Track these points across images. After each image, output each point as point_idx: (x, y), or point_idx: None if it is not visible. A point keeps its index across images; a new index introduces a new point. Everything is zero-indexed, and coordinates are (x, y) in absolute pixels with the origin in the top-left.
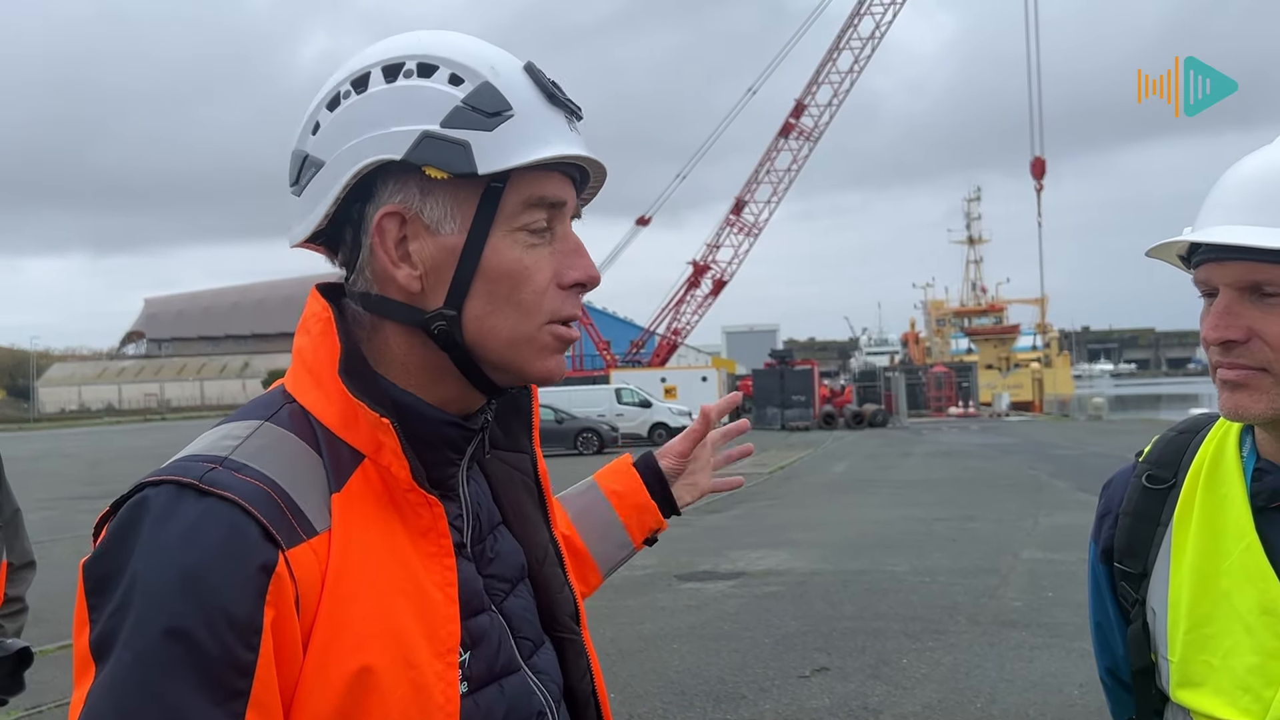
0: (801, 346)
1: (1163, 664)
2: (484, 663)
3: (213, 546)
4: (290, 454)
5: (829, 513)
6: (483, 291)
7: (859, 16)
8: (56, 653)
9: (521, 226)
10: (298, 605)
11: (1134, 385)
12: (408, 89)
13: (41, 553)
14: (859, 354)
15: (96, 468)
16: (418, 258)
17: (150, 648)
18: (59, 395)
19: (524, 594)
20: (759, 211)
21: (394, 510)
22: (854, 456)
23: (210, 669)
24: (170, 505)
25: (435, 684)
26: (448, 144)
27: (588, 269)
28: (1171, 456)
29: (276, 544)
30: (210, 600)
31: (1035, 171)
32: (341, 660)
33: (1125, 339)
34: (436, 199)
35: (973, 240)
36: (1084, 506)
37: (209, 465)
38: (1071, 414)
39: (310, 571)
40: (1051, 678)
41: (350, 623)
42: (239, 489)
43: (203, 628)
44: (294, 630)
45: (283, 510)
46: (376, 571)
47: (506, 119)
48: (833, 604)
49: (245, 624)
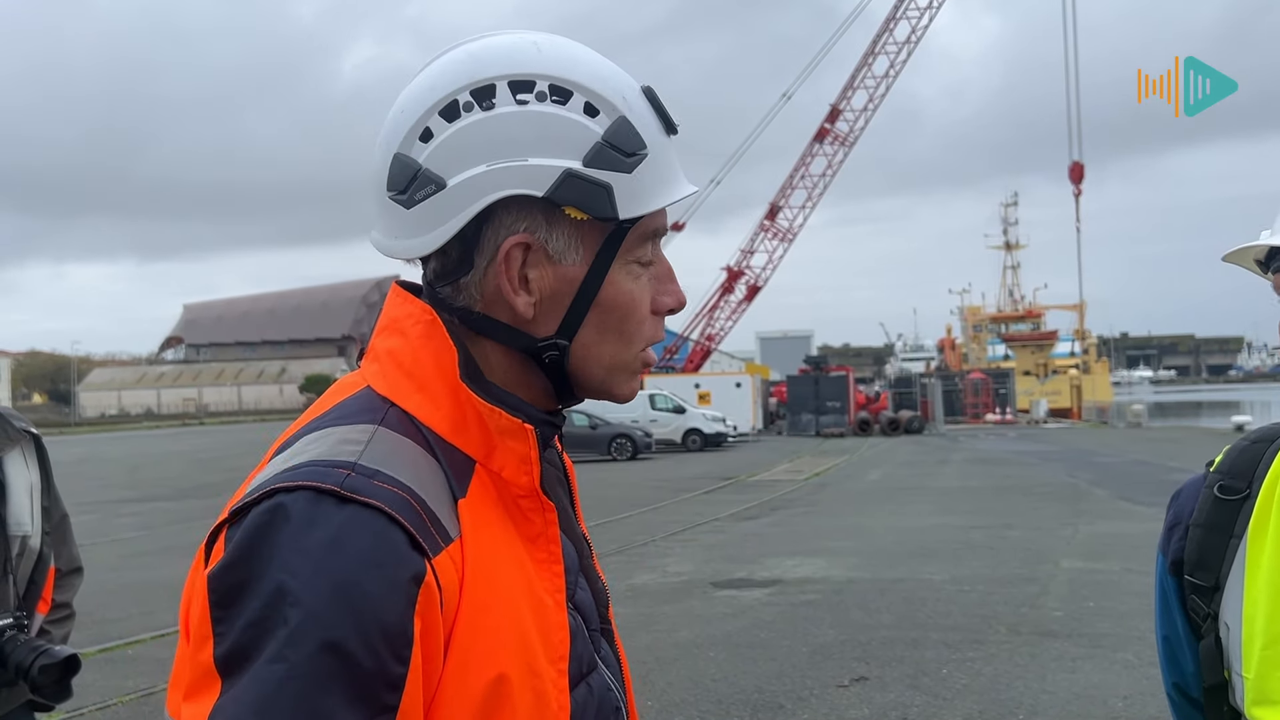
0: (836, 353)
1: (1237, 680)
2: (576, 662)
3: (362, 555)
4: (414, 460)
5: (865, 520)
6: (595, 322)
7: (895, 21)
8: (97, 656)
9: (635, 259)
10: (442, 613)
11: (1174, 392)
12: (544, 117)
13: (83, 557)
14: (894, 360)
15: (136, 472)
16: (536, 285)
17: (305, 661)
18: (99, 400)
19: (585, 587)
20: (793, 217)
21: (508, 516)
22: (890, 464)
23: (363, 683)
24: (310, 512)
25: (552, 691)
26: (591, 185)
27: (678, 294)
28: (1245, 466)
29: (423, 552)
30: (365, 612)
31: (1073, 176)
32: (479, 669)
33: (1165, 345)
34: (562, 230)
35: (1010, 246)
36: (1125, 515)
37: (344, 471)
38: (1110, 421)
39: (451, 579)
40: (1095, 689)
41: (485, 630)
42: (381, 496)
43: (358, 641)
44: (439, 639)
45: (423, 518)
46: (503, 578)
47: (642, 159)
48: (870, 613)
49: (398, 636)
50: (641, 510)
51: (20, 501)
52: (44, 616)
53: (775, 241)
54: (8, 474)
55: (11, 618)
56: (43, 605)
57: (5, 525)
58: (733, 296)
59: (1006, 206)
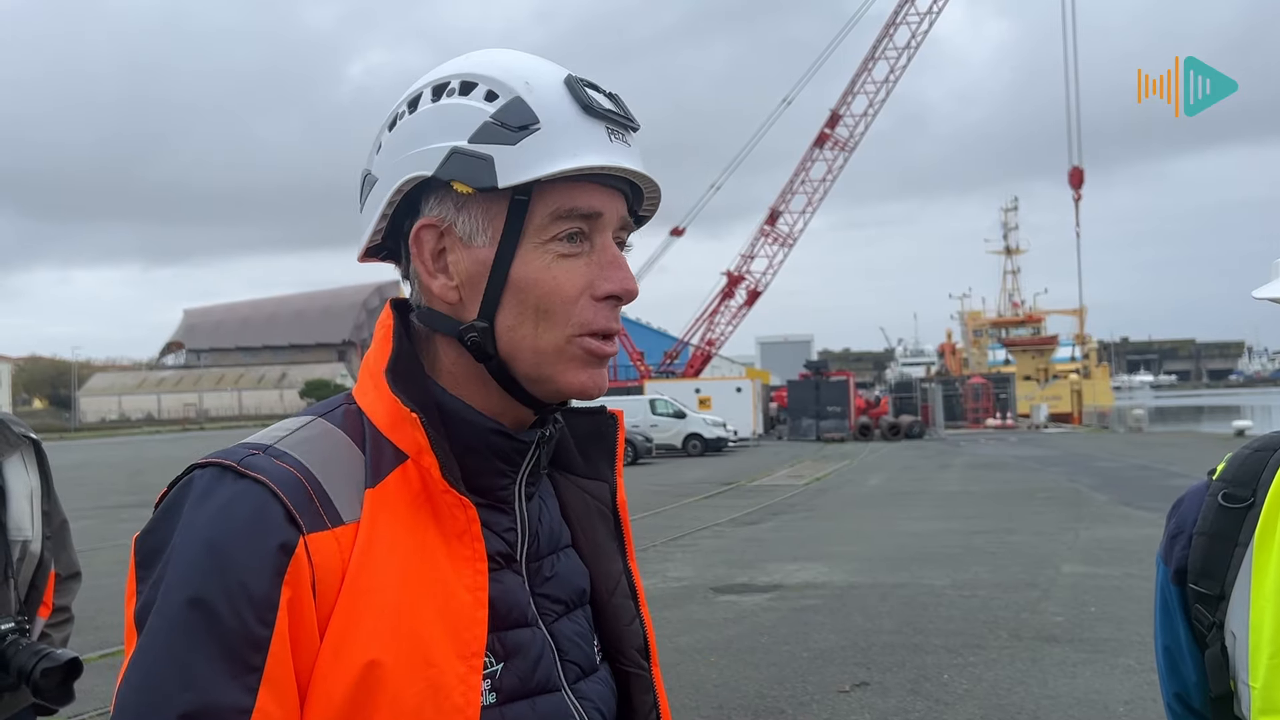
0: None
1: (1243, 690)
2: (517, 677)
3: (238, 523)
4: (332, 447)
5: (866, 525)
6: (512, 303)
7: (894, 26)
8: (99, 661)
9: (552, 238)
10: (314, 590)
11: (1174, 397)
12: (447, 107)
13: (82, 561)
14: (895, 365)
15: (136, 477)
16: (454, 270)
17: (175, 615)
18: (99, 405)
19: (580, 619)
20: (793, 222)
21: (430, 511)
22: (891, 468)
23: (228, 641)
24: (210, 485)
25: (455, 685)
26: (473, 159)
27: (623, 281)
28: (1248, 475)
29: (298, 527)
30: (231, 573)
31: (1073, 181)
32: (354, 651)
33: (1165, 350)
34: (470, 213)
35: (1010, 251)
36: (1126, 520)
37: (252, 451)
38: (1111, 426)
39: (330, 559)
40: (1096, 694)
41: (366, 615)
42: (271, 472)
43: (222, 599)
44: (310, 614)
45: (310, 496)
46: (401, 568)
47: (531, 132)
48: (871, 618)
49: (262, 600)
50: (642, 515)
51: (20, 507)
52: (45, 621)
53: (775, 246)
54: (8, 479)
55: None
56: (44, 609)
57: (6, 530)
58: (733, 301)
59: (1007, 211)
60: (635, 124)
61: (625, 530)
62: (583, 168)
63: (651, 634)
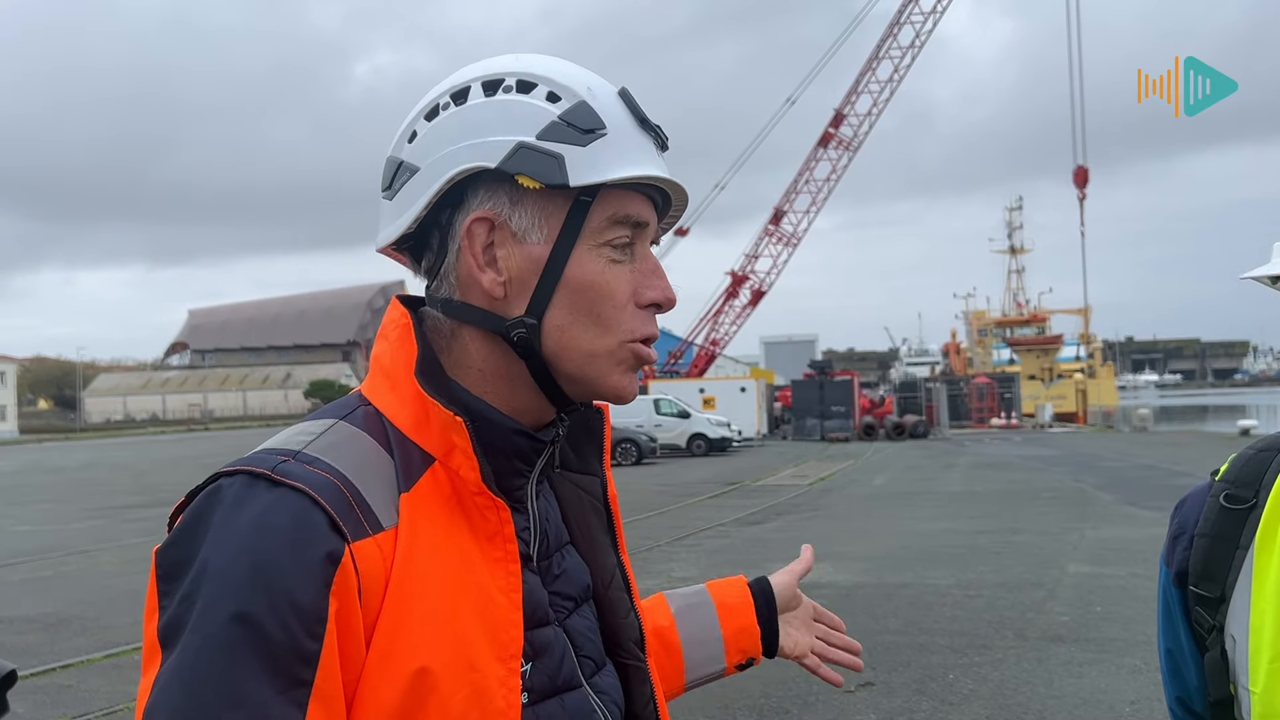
0: (840, 357)
1: (1243, 694)
2: (546, 675)
3: (281, 534)
4: (361, 451)
5: (871, 525)
6: (564, 302)
7: (898, 26)
8: (103, 662)
9: (605, 242)
10: (361, 598)
11: (1179, 396)
12: (506, 103)
13: (87, 562)
14: (899, 364)
15: (142, 477)
16: (503, 264)
17: (218, 632)
18: (104, 405)
19: (588, 614)
20: (797, 221)
21: (461, 513)
22: (895, 468)
23: (276, 656)
24: (242, 494)
25: (497, 689)
26: (542, 155)
27: (665, 290)
28: (1251, 476)
29: (343, 535)
30: (277, 586)
31: (1077, 180)
32: (403, 659)
33: (1170, 349)
34: (526, 208)
35: (1014, 250)
36: (1131, 520)
37: (282, 458)
38: (1116, 425)
39: (375, 566)
40: (1102, 694)
41: (412, 622)
42: (309, 480)
43: (269, 613)
44: (357, 624)
45: (351, 504)
46: (441, 572)
47: (600, 136)
48: (876, 618)
49: (310, 612)
50: (646, 515)
51: None
52: None
53: (780, 246)
54: None
55: None
56: None
57: None
58: (737, 301)
59: (1011, 210)
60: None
61: (616, 523)
62: (643, 176)
63: (646, 626)
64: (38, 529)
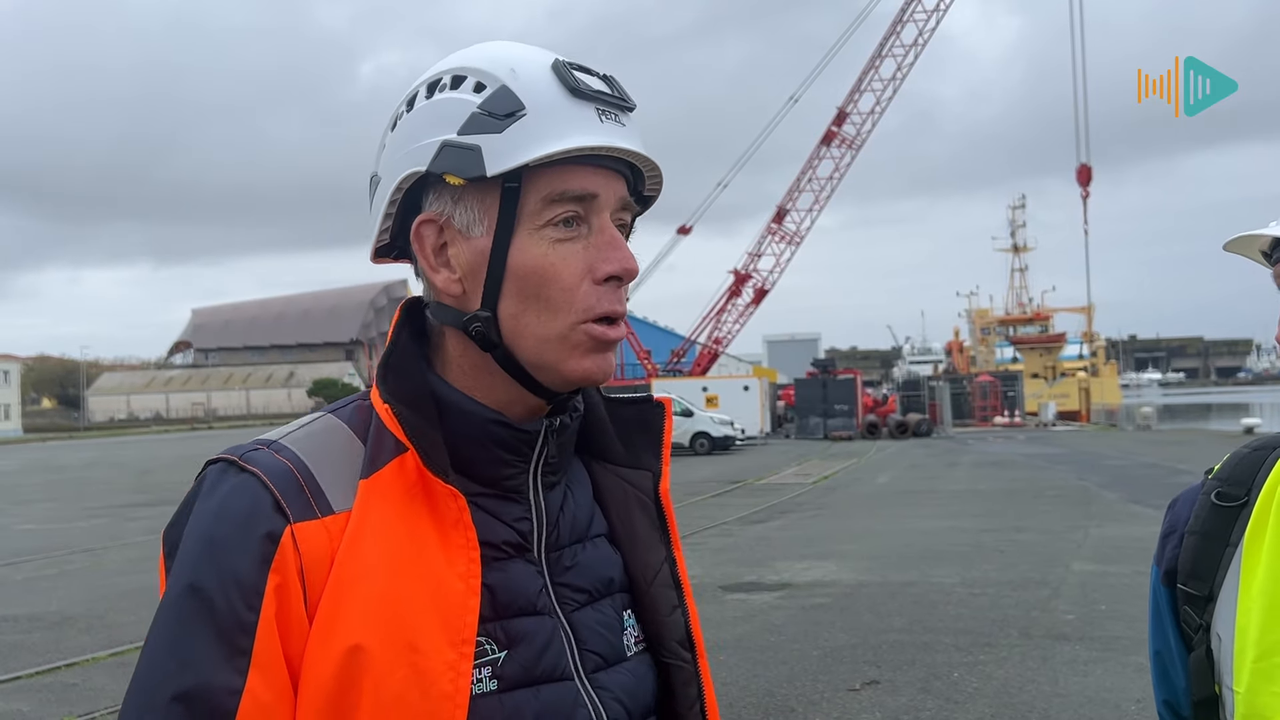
0: (843, 356)
1: (1227, 695)
2: (520, 665)
3: (233, 515)
4: (332, 441)
5: (874, 524)
6: (513, 291)
7: (901, 24)
8: (108, 660)
9: (546, 223)
10: (303, 576)
11: (1183, 394)
12: (438, 103)
13: (91, 560)
14: (902, 363)
15: (145, 476)
16: (455, 262)
17: (174, 601)
18: (108, 404)
19: (607, 609)
20: (800, 220)
21: (425, 500)
22: (899, 467)
23: (220, 625)
24: (216, 479)
25: (443, 671)
26: (461, 150)
27: (623, 260)
28: (1244, 474)
29: (286, 516)
30: (224, 562)
31: (1081, 179)
32: (338, 636)
33: (1173, 348)
34: (466, 204)
35: (1017, 248)
36: (1135, 519)
37: (256, 446)
38: (1119, 424)
39: (318, 546)
40: (1107, 693)
41: (350, 601)
42: (265, 465)
43: (216, 586)
44: (298, 600)
45: (301, 487)
46: (390, 556)
47: (517, 119)
48: (881, 616)
49: (249, 586)
50: None
51: None
52: None
53: (783, 245)
54: None
55: None
56: None
57: None
58: (740, 300)
59: (1014, 209)
60: (630, 104)
61: (669, 519)
62: (569, 149)
63: (695, 624)
64: (42, 528)
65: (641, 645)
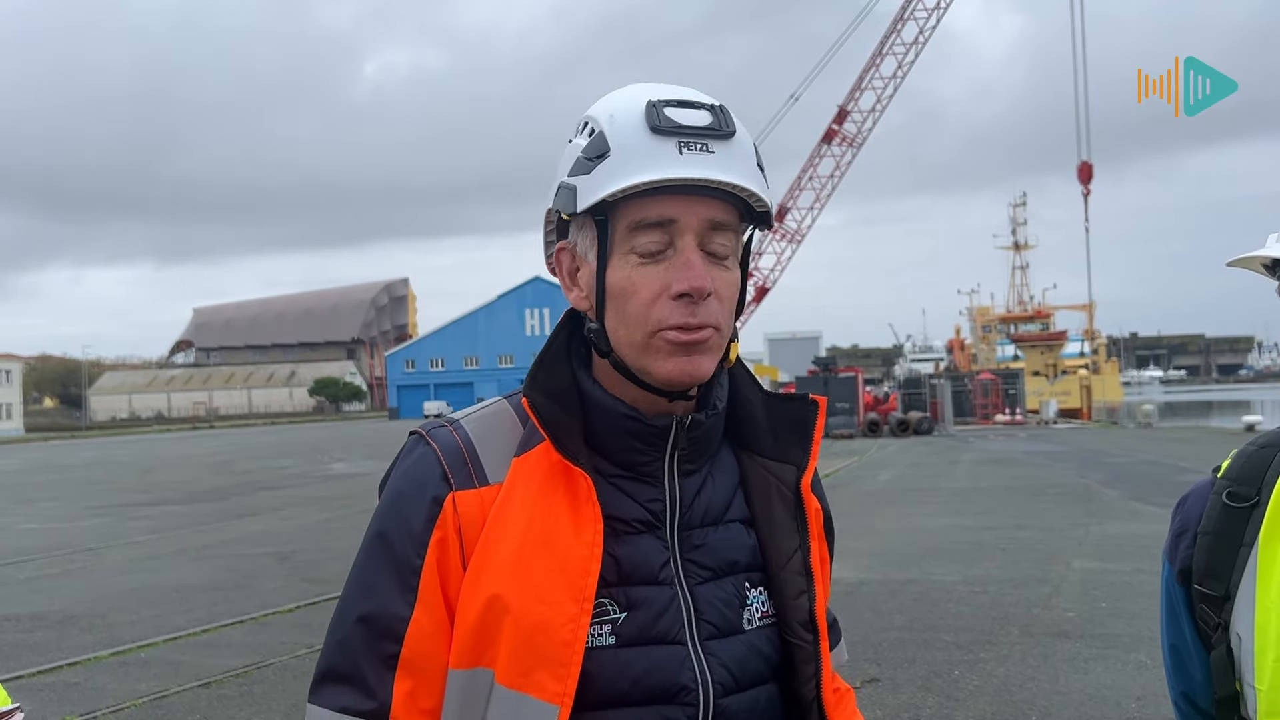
0: (845, 354)
1: (1249, 692)
2: (636, 626)
3: (413, 479)
4: (499, 423)
5: (875, 522)
6: (612, 307)
7: (902, 22)
8: (110, 660)
9: (631, 249)
10: (460, 534)
11: (1184, 392)
12: (568, 148)
13: (93, 559)
14: (903, 361)
15: (147, 475)
16: (582, 282)
17: (369, 543)
18: (110, 404)
19: (728, 587)
20: (801, 218)
21: (564, 479)
22: (900, 465)
23: (397, 564)
24: (410, 448)
25: (565, 623)
26: (566, 190)
27: (691, 280)
28: (1253, 473)
29: (450, 484)
30: (402, 516)
31: (1081, 176)
32: (483, 585)
33: (1174, 345)
34: (583, 235)
35: (1018, 246)
36: (1137, 516)
37: (441, 423)
38: (1120, 421)
39: (473, 510)
40: (1108, 690)
41: (494, 558)
42: (443, 440)
43: (395, 534)
44: (456, 553)
45: (465, 461)
46: (528, 523)
47: (602, 161)
48: (881, 614)
49: (418, 537)
50: None
51: None
52: None
53: (784, 243)
54: None
55: None
56: None
57: None
58: None
59: (1015, 207)
60: (725, 131)
61: (808, 510)
62: (635, 185)
63: (820, 610)
64: (44, 527)
65: (767, 622)
